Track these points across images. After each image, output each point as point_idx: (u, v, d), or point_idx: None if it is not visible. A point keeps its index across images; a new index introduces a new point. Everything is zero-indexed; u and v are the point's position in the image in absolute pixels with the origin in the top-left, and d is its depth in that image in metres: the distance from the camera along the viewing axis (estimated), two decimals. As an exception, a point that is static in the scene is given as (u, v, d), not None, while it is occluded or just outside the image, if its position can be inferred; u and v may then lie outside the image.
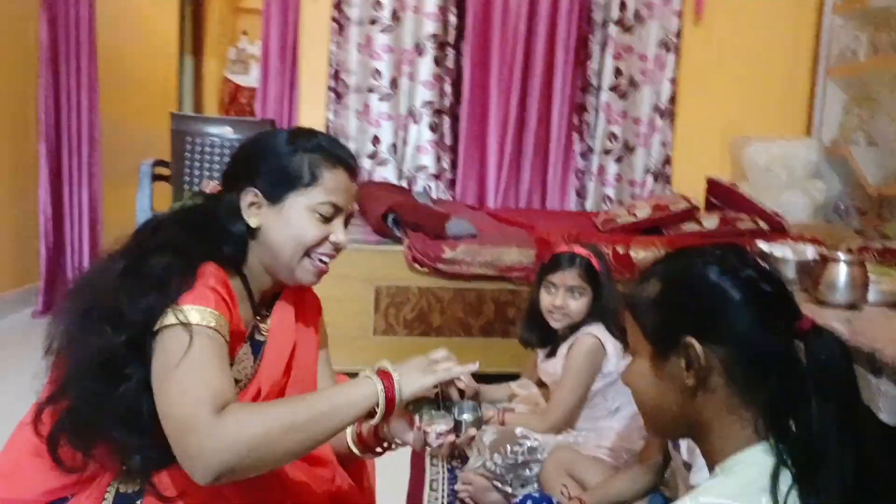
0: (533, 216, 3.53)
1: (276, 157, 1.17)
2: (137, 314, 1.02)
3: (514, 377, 2.42)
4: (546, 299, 2.07)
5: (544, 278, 2.09)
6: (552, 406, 2.07)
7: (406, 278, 2.85)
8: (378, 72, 3.91)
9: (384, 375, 1.06)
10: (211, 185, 1.24)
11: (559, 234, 2.99)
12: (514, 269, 2.85)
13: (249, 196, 1.16)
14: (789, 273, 2.11)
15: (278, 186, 1.16)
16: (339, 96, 3.93)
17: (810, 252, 2.13)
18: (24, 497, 1.08)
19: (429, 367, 1.09)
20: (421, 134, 3.94)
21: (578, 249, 2.08)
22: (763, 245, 2.25)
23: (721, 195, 3.55)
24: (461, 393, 1.13)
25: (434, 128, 3.94)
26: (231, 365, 1.15)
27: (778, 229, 3.19)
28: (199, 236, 1.14)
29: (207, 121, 3.97)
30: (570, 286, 2.04)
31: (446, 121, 3.96)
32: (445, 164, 3.99)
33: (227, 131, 3.66)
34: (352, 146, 3.92)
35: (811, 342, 0.84)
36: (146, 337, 1.02)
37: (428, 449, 1.13)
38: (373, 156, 3.96)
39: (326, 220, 1.17)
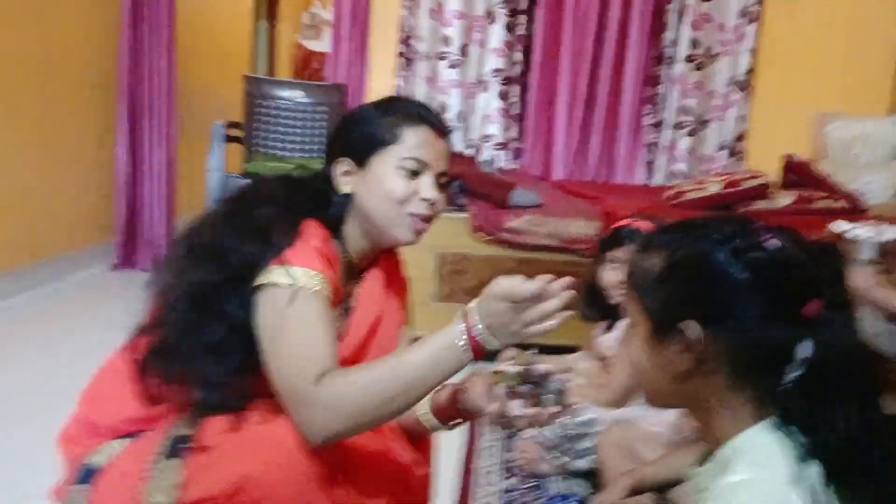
0: (599, 189, 3.48)
1: (361, 124, 1.22)
2: (237, 259, 1.08)
3: (573, 350, 2.41)
4: (607, 275, 2.05)
5: (605, 253, 2.07)
6: (613, 381, 2.05)
7: (469, 246, 2.86)
8: (448, 38, 3.88)
9: (470, 331, 1.02)
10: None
11: (626, 207, 2.94)
12: (578, 242, 2.83)
13: (342, 166, 1.22)
14: (867, 254, 2.03)
15: (364, 151, 1.20)
16: (408, 62, 3.93)
17: (891, 232, 2.03)
18: (106, 421, 1.15)
19: (519, 331, 1.02)
20: (489, 102, 3.92)
21: (639, 224, 2.04)
22: (841, 224, 2.17)
23: (798, 173, 3.42)
24: (545, 375, 1.14)
25: (503, 96, 3.91)
26: None
27: (856, 210, 3.06)
28: (304, 196, 1.19)
29: (279, 84, 4.04)
30: (625, 262, 2.01)
31: (515, 89, 3.93)
32: (513, 133, 3.97)
33: (299, 95, 3.72)
34: (419, 113, 3.92)
35: (818, 328, 0.80)
36: (246, 285, 1.07)
37: (506, 422, 1.13)
38: (440, 123, 3.95)
39: (413, 174, 1.19)
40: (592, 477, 1.98)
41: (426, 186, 1.20)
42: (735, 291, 0.81)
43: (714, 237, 0.84)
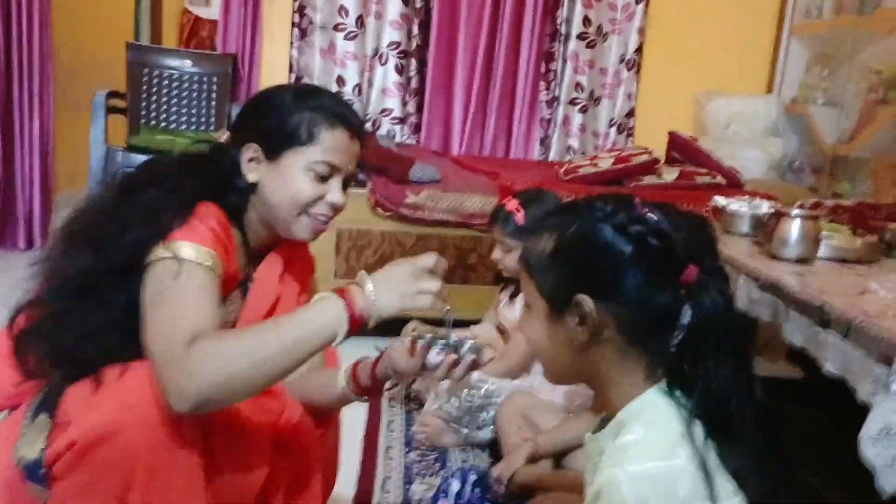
0: (497, 164, 3.53)
1: (278, 113, 1.18)
2: (122, 247, 1.05)
3: (475, 324, 2.45)
4: (494, 250, 2.13)
5: None
6: (509, 350, 2.11)
7: (368, 222, 2.84)
8: (344, 9, 3.81)
9: (348, 296, 1.04)
10: (224, 136, 1.25)
11: (521, 182, 3.00)
12: (476, 216, 2.86)
13: (249, 151, 1.19)
14: (744, 227, 2.15)
15: (276, 143, 1.17)
16: (303, 33, 3.83)
17: (765, 207, 2.17)
18: None
19: (411, 293, 1.05)
20: (387, 76, 3.88)
21: (509, 203, 2.08)
22: (720, 199, 2.29)
23: (682, 149, 3.59)
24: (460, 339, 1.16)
25: (400, 70, 3.88)
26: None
27: (734, 185, 3.25)
28: (201, 178, 1.15)
29: (166, 52, 3.85)
30: (500, 241, 2.07)
31: (413, 63, 3.90)
32: (411, 107, 3.95)
33: (187, 64, 3.57)
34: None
35: (695, 293, 0.86)
36: (133, 270, 1.04)
37: (426, 374, 1.15)
38: (337, 96, 3.88)
39: (323, 179, 1.19)
40: (492, 447, 2.03)
41: (334, 191, 1.20)
42: (621, 264, 0.86)
43: (598, 215, 0.89)
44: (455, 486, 1.38)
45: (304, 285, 1.34)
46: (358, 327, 1.04)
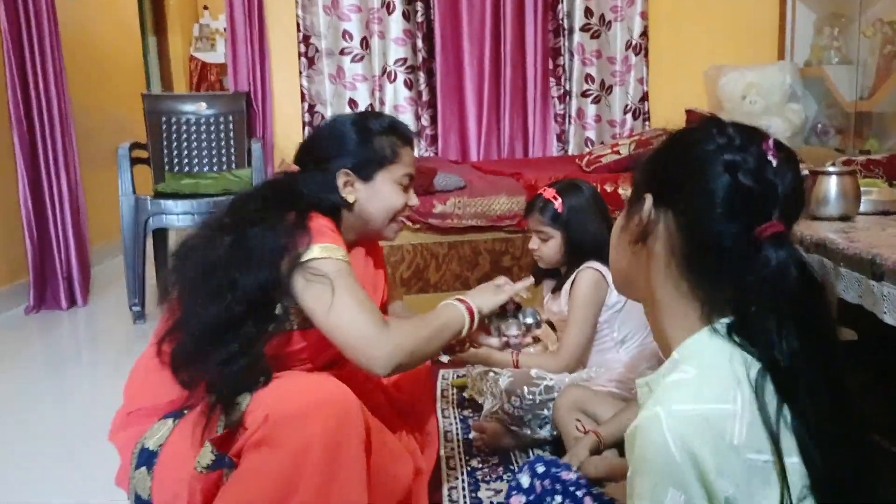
0: (518, 165, 3.53)
1: (361, 141, 1.46)
2: (252, 291, 1.26)
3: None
4: (531, 243, 2.12)
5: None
6: (563, 345, 2.08)
7: (399, 237, 2.85)
8: (348, 33, 3.85)
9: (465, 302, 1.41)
10: (283, 166, 1.46)
11: (545, 178, 2.99)
12: (505, 218, 2.86)
13: (343, 177, 1.44)
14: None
15: (369, 166, 1.46)
16: (311, 62, 3.88)
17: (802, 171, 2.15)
18: (153, 403, 1.35)
19: (496, 289, 1.46)
20: (397, 92, 3.91)
21: (546, 192, 2.07)
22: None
23: (702, 126, 3.55)
24: (519, 306, 1.51)
25: (410, 85, 3.91)
26: None
27: (761, 154, 3.21)
28: (295, 200, 1.38)
29: (181, 99, 3.92)
30: (537, 230, 2.06)
31: (422, 77, 3.93)
32: (425, 120, 3.97)
33: (202, 107, 3.63)
34: (329, 111, 3.88)
35: (765, 249, 0.81)
36: (268, 305, 1.28)
37: (509, 347, 1.53)
38: (351, 119, 3.91)
39: (405, 188, 1.51)
40: (553, 444, 2.01)
41: (412, 196, 1.54)
42: (698, 180, 0.83)
43: (713, 133, 0.85)
44: (525, 480, 1.37)
45: (384, 272, 1.69)
46: (473, 322, 1.40)
